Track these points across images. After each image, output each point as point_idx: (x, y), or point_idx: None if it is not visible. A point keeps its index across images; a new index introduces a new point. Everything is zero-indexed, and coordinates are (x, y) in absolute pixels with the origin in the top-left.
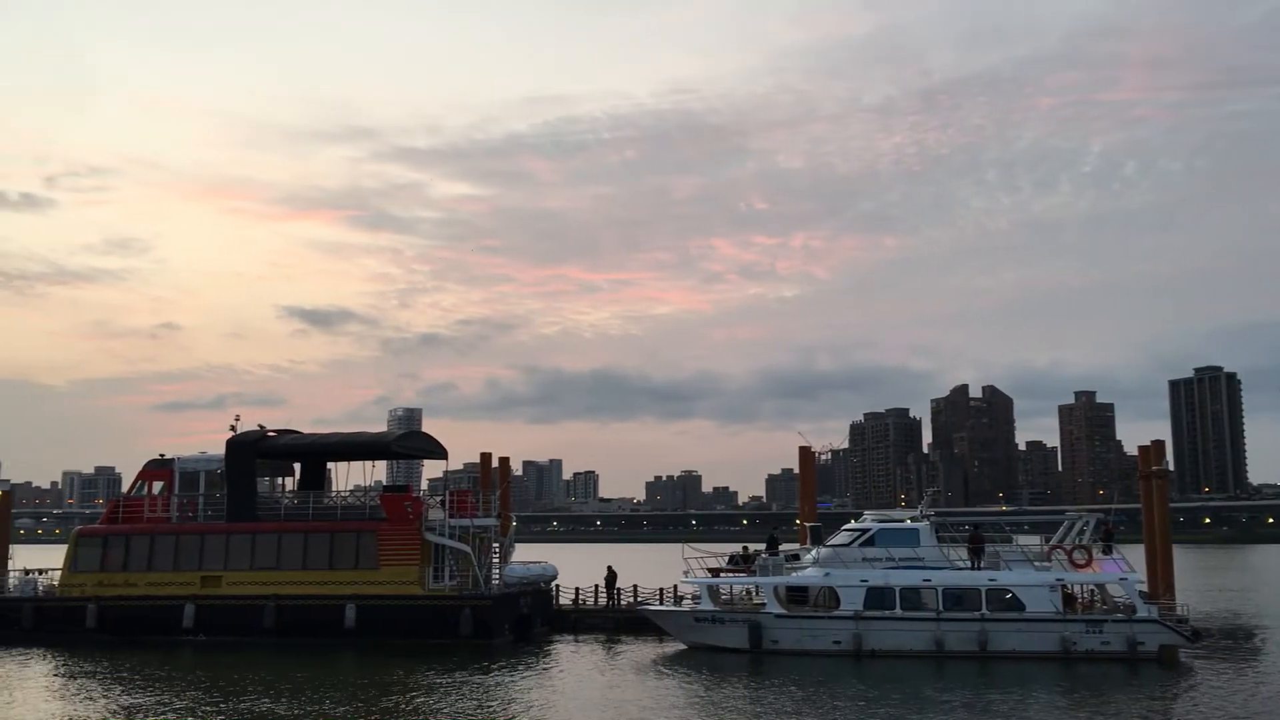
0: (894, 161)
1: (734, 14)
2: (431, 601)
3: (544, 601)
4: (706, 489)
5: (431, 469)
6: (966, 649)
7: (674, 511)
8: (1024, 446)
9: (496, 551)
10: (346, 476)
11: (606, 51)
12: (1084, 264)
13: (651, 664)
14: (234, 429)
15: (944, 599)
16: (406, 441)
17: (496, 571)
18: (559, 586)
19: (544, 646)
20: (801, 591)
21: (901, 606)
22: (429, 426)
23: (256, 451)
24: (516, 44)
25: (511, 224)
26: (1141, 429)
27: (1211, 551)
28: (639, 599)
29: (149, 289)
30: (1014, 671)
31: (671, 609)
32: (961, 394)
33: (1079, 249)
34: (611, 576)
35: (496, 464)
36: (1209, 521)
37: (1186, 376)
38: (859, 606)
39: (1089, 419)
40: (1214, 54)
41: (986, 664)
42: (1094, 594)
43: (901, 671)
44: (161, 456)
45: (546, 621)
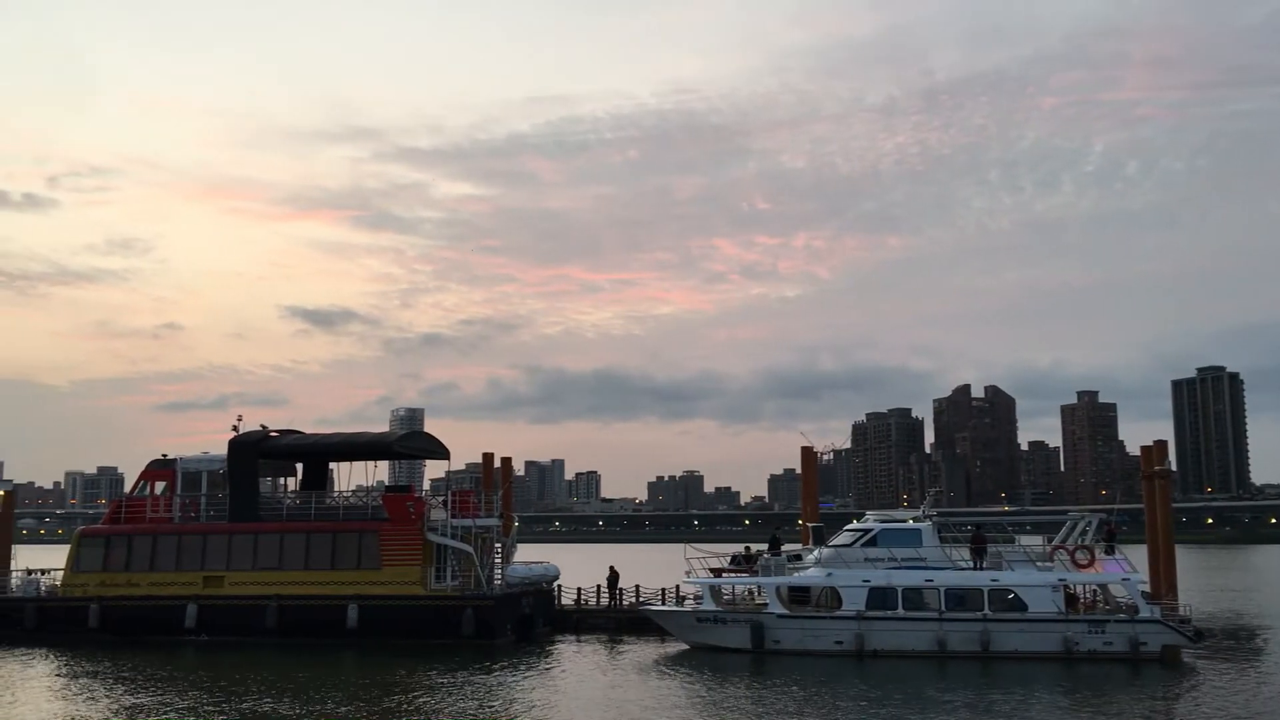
0: (896, 161)
1: (735, 14)
2: (434, 602)
3: (546, 602)
4: (709, 489)
5: (434, 469)
6: (969, 649)
7: (676, 512)
8: (1026, 446)
9: (499, 552)
10: (349, 477)
11: (608, 51)
12: (1086, 264)
13: (653, 664)
14: (236, 429)
15: (946, 599)
16: (409, 442)
17: (499, 572)
18: (561, 587)
19: (546, 647)
20: (804, 592)
21: (904, 607)
22: (431, 427)
23: (259, 452)
24: (518, 44)
25: (513, 224)
26: (1144, 429)
27: (1214, 552)
28: (641, 599)
29: (151, 289)
30: (1016, 672)
31: (673, 609)
32: (964, 394)
33: (1081, 249)
34: (613, 577)
35: (498, 464)
36: (1211, 522)
37: (1189, 376)
38: (861, 607)
39: (1091, 419)
40: (1216, 54)
41: (989, 664)
42: (1096, 594)
43: (904, 672)
44: (164, 457)
45: (548, 622)
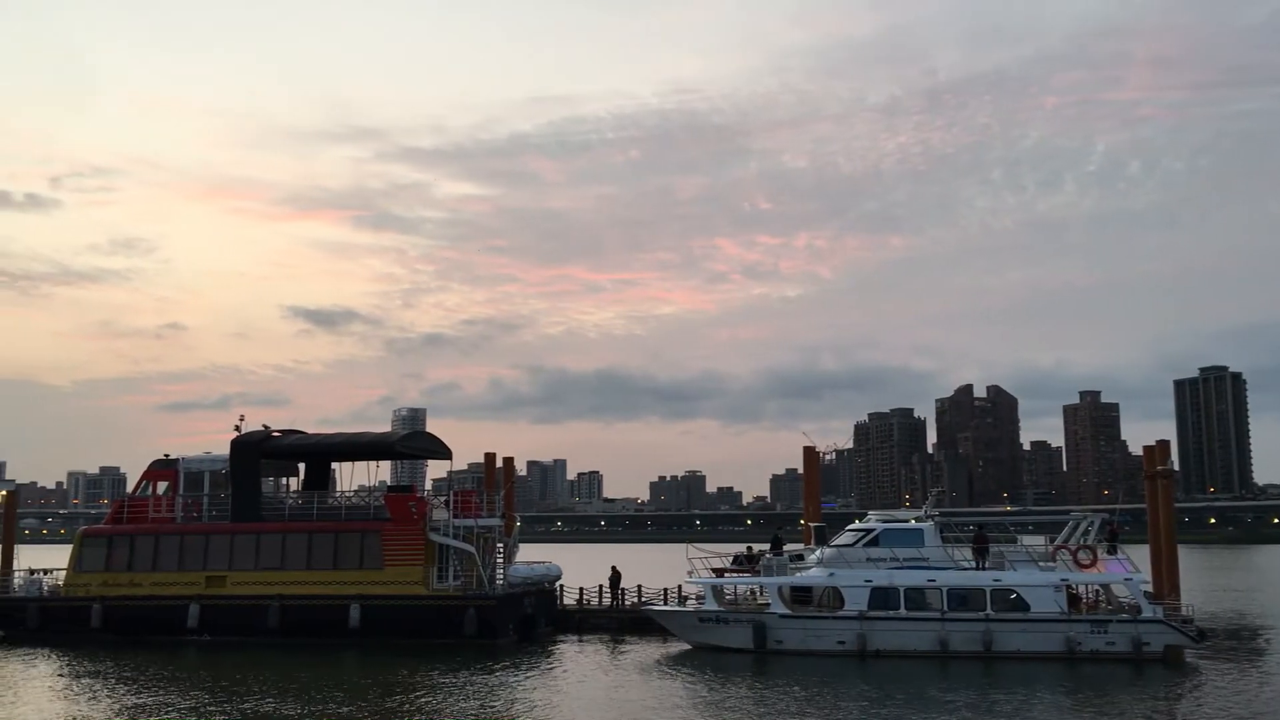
0: (898, 161)
1: (736, 14)
2: (436, 602)
3: (548, 602)
4: (711, 489)
5: (436, 469)
6: (971, 649)
7: (678, 512)
8: (1029, 446)
9: (501, 552)
10: (351, 477)
11: (609, 51)
12: (1089, 263)
13: (656, 664)
14: (238, 429)
15: (949, 599)
16: (411, 442)
17: (501, 572)
18: (563, 587)
19: (548, 647)
20: (806, 592)
21: (906, 607)
22: (433, 426)
23: (261, 451)
24: (519, 44)
25: (516, 224)
26: (1146, 429)
27: (1217, 552)
28: (643, 599)
29: (153, 289)
30: (1019, 672)
31: (676, 609)
32: (966, 394)
33: (1083, 248)
34: (616, 576)
35: (500, 464)
36: (1214, 522)
37: (1191, 376)
38: (863, 607)
39: (1094, 419)
40: (1218, 54)
41: (991, 664)
42: (1099, 594)
43: (906, 672)
44: (166, 456)
45: (551, 622)
